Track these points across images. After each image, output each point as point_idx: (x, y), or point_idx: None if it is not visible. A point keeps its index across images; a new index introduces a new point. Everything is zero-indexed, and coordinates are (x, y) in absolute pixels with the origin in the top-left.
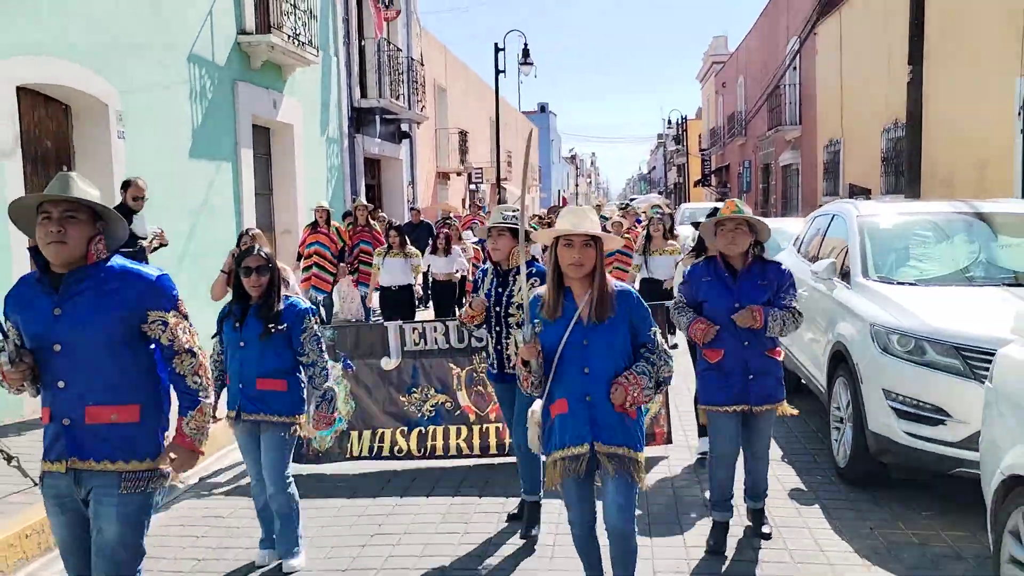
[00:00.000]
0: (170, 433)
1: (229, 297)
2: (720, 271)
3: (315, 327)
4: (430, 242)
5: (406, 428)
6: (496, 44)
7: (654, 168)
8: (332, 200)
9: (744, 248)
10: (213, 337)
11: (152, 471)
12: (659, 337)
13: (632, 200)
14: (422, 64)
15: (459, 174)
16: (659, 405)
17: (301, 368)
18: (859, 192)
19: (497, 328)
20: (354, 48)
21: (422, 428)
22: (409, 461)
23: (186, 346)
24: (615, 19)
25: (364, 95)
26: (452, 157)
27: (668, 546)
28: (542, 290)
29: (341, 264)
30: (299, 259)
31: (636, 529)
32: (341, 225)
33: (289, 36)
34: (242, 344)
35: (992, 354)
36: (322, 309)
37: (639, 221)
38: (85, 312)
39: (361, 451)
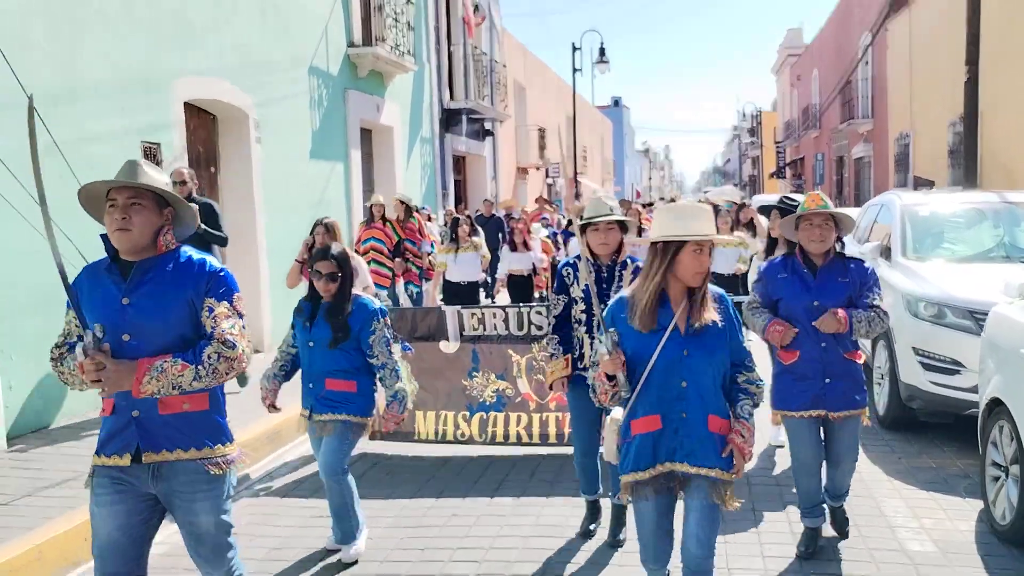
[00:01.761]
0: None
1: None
2: (799, 268)
3: (385, 329)
4: (504, 237)
5: (468, 412)
6: (573, 44)
7: (729, 160)
8: (425, 195)
9: (831, 244)
10: (291, 327)
11: (225, 456)
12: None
13: (706, 192)
14: (504, 65)
15: (537, 169)
16: None
17: (371, 368)
18: (923, 184)
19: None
20: (444, 54)
21: (483, 414)
22: (471, 446)
23: (227, 335)
24: (690, 11)
25: (452, 97)
26: (531, 153)
27: (744, 555)
28: (627, 293)
29: (397, 259)
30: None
31: (714, 565)
32: (394, 217)
33: (391, 47)
34: (311, 344)
35: None
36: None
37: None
38: (152, 302)
39: (427, 434)
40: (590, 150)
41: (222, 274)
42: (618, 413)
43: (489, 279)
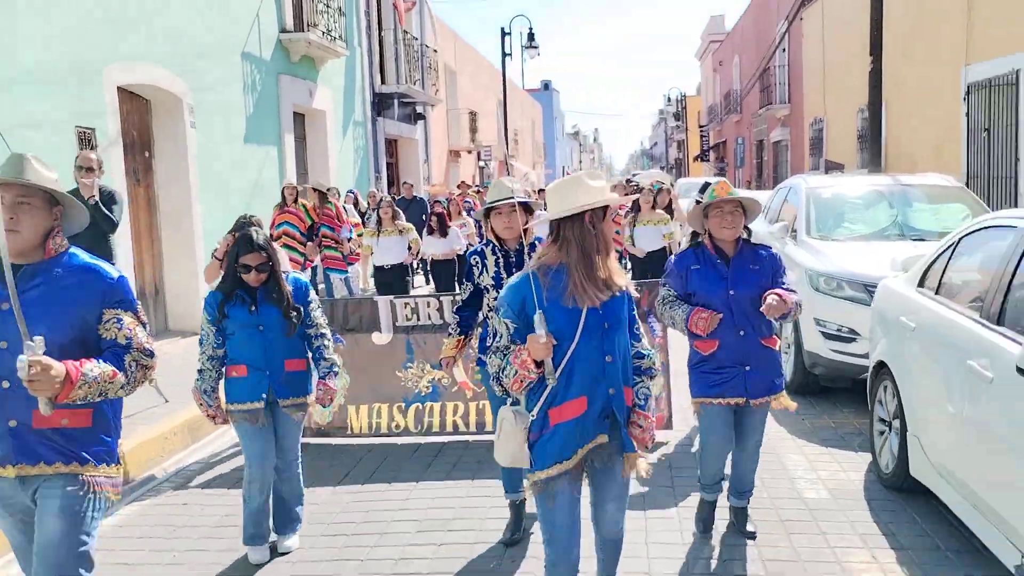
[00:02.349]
0: (122, 442)
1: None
2: (711, 258)
3: (317, 298)
4: (425, 221)
5: (403, 404)
6: (503, 28)
7: (656, 144)
8: (358, 178)
9: (739, 232)
10: (211, 325)
11: (98, 477)
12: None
13: (635, 175)
14: (435, 50)
15: (469, 152)
16: (660, 387)
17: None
18: (834, 167)
19: None
20: (375, 39)
21: (419, 404)
22: (407, 437)
23: (146, 345)
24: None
25: (384, 81)
26: (463, 136)
27: (664, 530)
28: (534, 269)
29: (310, 243)
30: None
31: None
32: (309, 203)
33: (323, 32)
34: (261, 328)
35: None
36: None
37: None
38: (36, 310)
39: (361, 428)
40: (521, 133)
41: (120, 282)
42: (509, 412)
43: (420, 266)
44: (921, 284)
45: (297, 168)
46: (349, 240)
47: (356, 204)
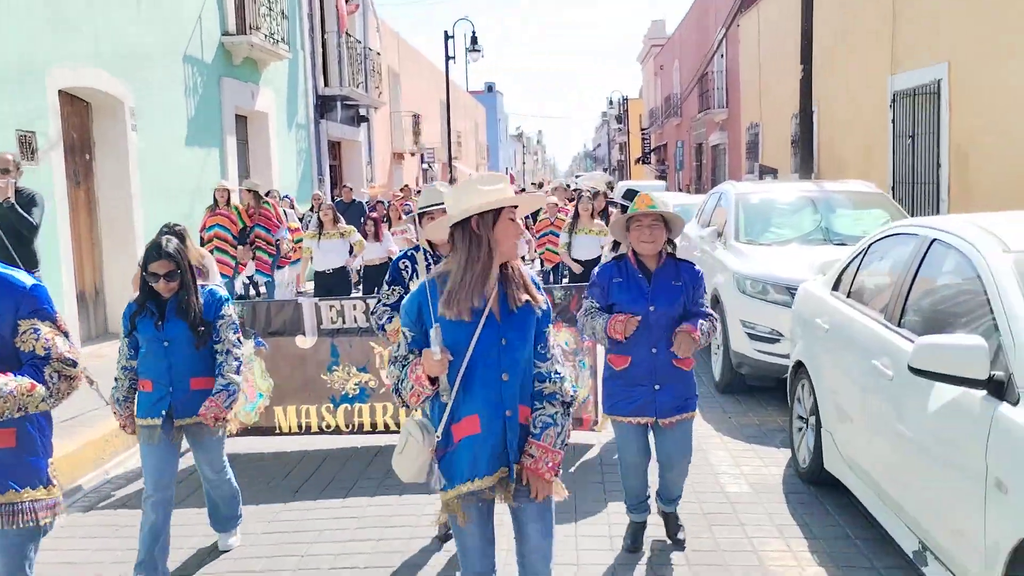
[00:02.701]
0: (53, 460)
1: None
2: (632, 271)
3: (234, 315)
4: (363, 224)
5: (332, 404)
6: (446, 32)
7: (599, 146)
8: (301, 181)
9: (661, 246)
10: (125, 336)
11: (34, 502)
12: (553, 338)
13: (578, 177)
14: (378, 53)
15: (413, 154)
16: (588, 390)
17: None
18: (767, 171)
19: None
20: (318, 41)
21: (348, 405)
22: (340, 438)
23: (67, 354)
24: (563, 2)
25: (327, 84)
26: (406, 138)
27: (593, 536)
28: (433, 277)
29: (241, 247)
30: (200, 244)
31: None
32: (241, 205)
33: (266, 35)
34: (167, 343)
35: None
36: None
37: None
38: None
39: (290, 427)
40: (464, 135)
41: (35, 291)
42: (416, 427)
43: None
44: (835, 288)
45: (239, 171)
46: (278, 241)
47: (292, 207)
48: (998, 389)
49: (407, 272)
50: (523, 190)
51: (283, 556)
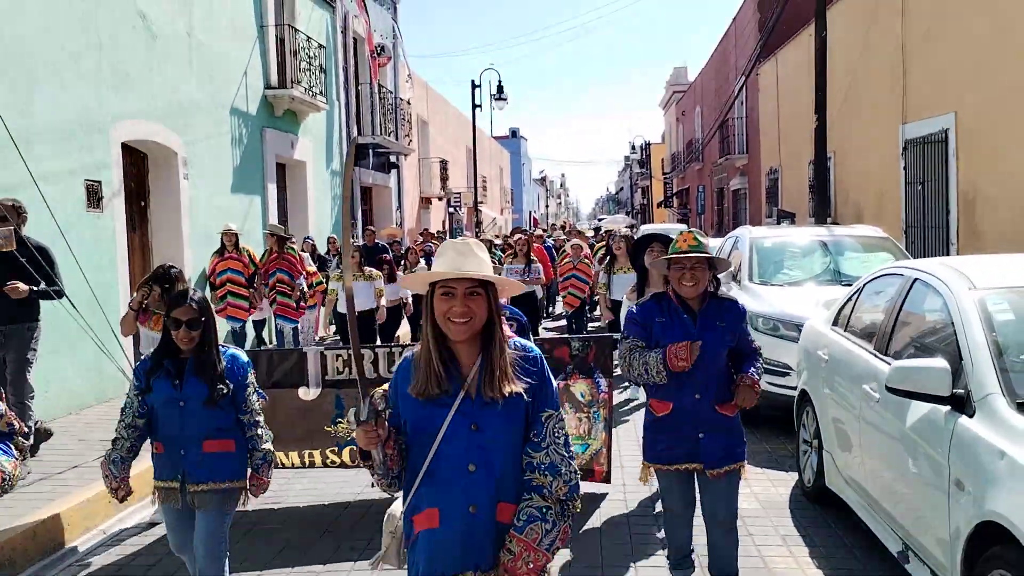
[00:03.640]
0: None
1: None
2: (676, 311)
3: (255, 380)
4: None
5: (337, 448)
6: (472, 81)
7: (622, 189)
8: (335, 225)
9: (704, 287)
10: (136, 393)
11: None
12: (556, 424)
13: (601, 220)
14: (408, 102)
15: (440, 199)
16: (601, 442)
17: (243, 425)
18: (785, 216)
19: None
20: (352, 93)
21: (353, 447)
22: (343, 470)
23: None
24: (586, 48)
25: (360, 132)
26: (434, 183)
27: None
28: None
29: (251, 290)
30: (211, 289)
31: None
32: (251, 248)
33: (305, 88)
34: (182, 404)
35: None
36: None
37: (593, 243)
38: None
39: (292, 463)
40: (490, 180)
41: None
42: (396, 507)
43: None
44: (835, 323)
45: (279, 216)
46: (300, 288)
47: (313, 252)
48: (959, 404)
49: None
50: (546, 231)
51: None
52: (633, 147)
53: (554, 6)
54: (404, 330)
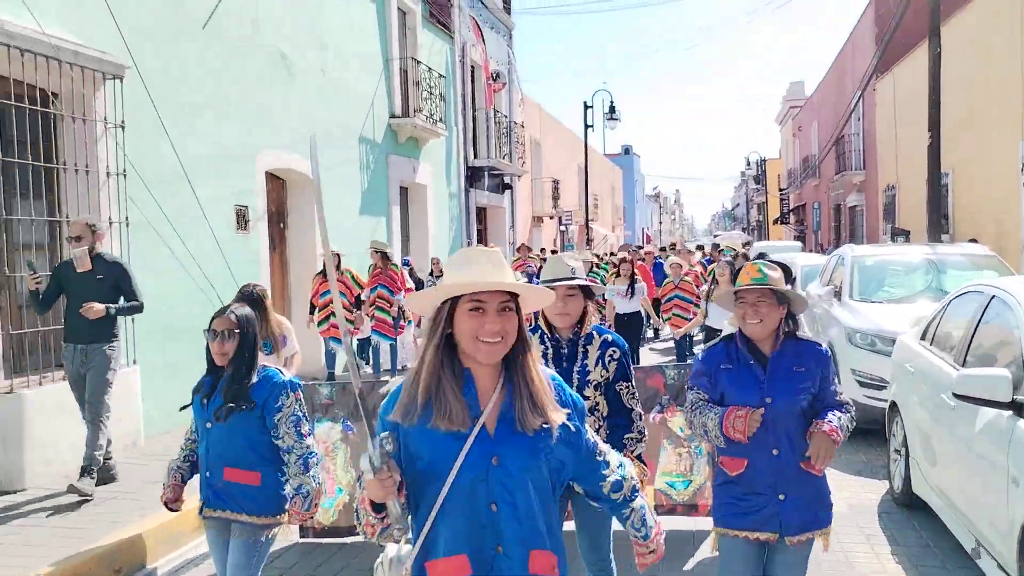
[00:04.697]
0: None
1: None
2: (743, 356)
3: (296, 405)
4: None
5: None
6: (585, 103)
7: (738, 205)
8: (452, 244)
9: (773, 326)
10: (182, 409)
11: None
12: (627, 469)
13: (716, 236)
14: (522, 125)
15: (552, 217)
16: (705, 477)
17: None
18: (899, 233)
19: None
20: (469, 118)
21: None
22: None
23: None
24: (701, 62)
25: (476, 156)
26: (546, 203)
27: None
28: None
29: (358, 312)
30: (312, 311)
31: None
32: (354, 270)
33: (426, 116)
34: (209, 424)
35: None
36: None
37: (709, 261)
38: None
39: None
40: (601, 197)
41: None
42: (394, 550)
43: None
44: (923, 337)
45: (401, 235)
46: (400, 304)
47: (411, 273)
48: (1020, 409)
49: None
50: (664, 249)
51: None
52: (748, 163)
53: (667, 24)
54: None
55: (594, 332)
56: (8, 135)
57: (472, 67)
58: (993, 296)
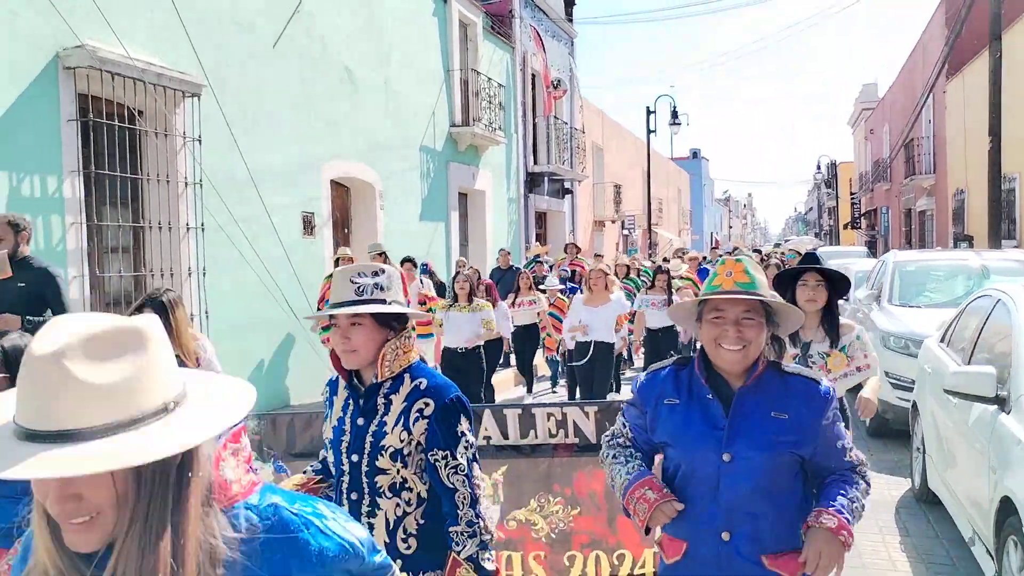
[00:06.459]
0: None
1: None
2: (698, 388)
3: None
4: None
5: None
6: (648, 108)
7: (811, 209)
8: (511, 247)
9: (756, 354)
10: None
11: None
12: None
13: (786, 241)
14: (583, 131)
15: (613, 221)
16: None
17: None
18: (962, 239)
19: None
20: (529, 125)
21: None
22: None
23: None
24: (772, 64)
25: (536, 162)
26: (608, 207)
27: None
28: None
29: None
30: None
31: None
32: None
33: (486, 125)
34: None
35: None
36: None
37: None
38: None
39: None
40: (666, 202)
41: None
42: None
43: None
44: (942, 340)
45: (460, 240)
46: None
47: (432, 276)
48: (1002, 404)
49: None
50: (706, 258)
51: None
52: (819, 166)
53: (732, 30)
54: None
55: (406, 375)
56: (99, 149)
57: (532, 75)
58: (999, 300)
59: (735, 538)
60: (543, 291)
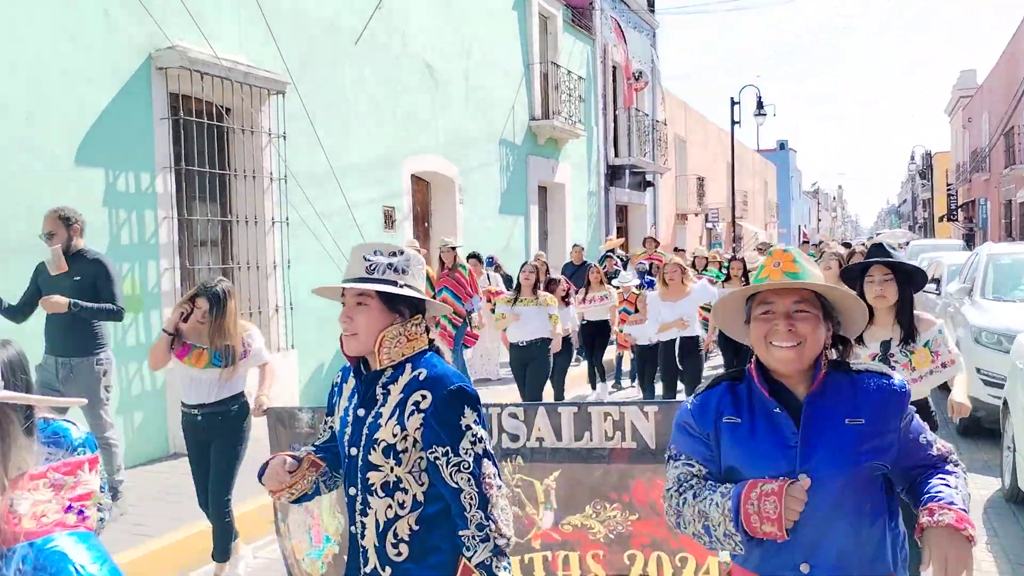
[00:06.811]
0: None
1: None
2: (761, 401)
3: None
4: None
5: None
6: (732, 99)
7: (905, 202)
8: (590, 242)
9: (816, 353)
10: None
11: None
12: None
13: (879, 234)
14: (664, 123)
15: (696, 215)
16: None
17: None
18: None
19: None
20: (609, 118)
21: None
22: None
23: None
24: (864, 51)
25: (616, 154)
26: (690, 200)
27: None
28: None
29: (469, 315)
30: None
31: None
32: (470, 266)
33: (565, 118)
34: None
35: None
36: None
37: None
38: None
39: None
40: (752, 194)
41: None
42: None
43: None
44: None
45: (539, 234)
46: (471, 313)
47: (498, 270)
48: None
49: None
50: (819, 244)
51: None
52: (913, 157)
53: (819, 21)
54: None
55: (408, 364)
56: (189, 146)
57: (613, 67)
58: None
59: (815, 571)
60: (616, 287)
